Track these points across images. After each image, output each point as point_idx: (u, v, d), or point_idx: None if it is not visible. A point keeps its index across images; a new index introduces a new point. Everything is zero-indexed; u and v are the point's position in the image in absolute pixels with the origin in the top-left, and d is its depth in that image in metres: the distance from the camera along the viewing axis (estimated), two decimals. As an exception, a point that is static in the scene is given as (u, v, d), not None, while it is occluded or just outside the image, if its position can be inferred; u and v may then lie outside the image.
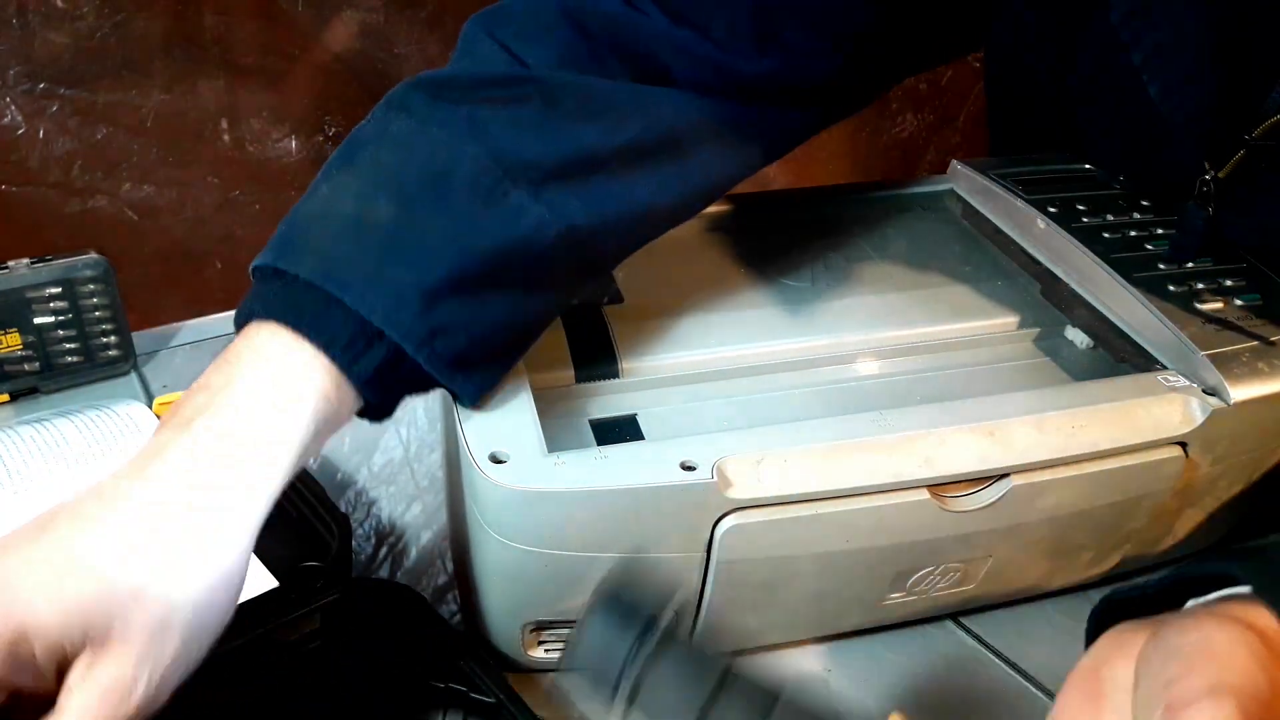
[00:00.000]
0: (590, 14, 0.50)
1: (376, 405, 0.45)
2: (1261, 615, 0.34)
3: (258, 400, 0.41)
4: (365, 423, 0.46)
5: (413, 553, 0.62)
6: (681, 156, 0.52)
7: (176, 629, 0.37)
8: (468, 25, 0.52)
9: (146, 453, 0.40)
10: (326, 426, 0.43)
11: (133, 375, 0.75)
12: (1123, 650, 0.36)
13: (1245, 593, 0.36)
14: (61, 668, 0.36)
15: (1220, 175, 0.54)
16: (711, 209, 0.68)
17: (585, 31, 0.50)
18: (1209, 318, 0.55)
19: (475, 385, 0.47)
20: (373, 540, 0.63)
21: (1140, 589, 0.41)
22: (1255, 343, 0.54)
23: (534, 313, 0.49)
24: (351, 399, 0.44)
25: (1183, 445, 0.52)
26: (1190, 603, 0.39)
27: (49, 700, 0.36)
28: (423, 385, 0.46)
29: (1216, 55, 0.50)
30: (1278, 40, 0.48)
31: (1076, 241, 0.61)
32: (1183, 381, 0.53)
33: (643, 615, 0.37)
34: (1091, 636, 0.43)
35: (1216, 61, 0.50)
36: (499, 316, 0.46)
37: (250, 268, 0.45)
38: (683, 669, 0.36)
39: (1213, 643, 0.33)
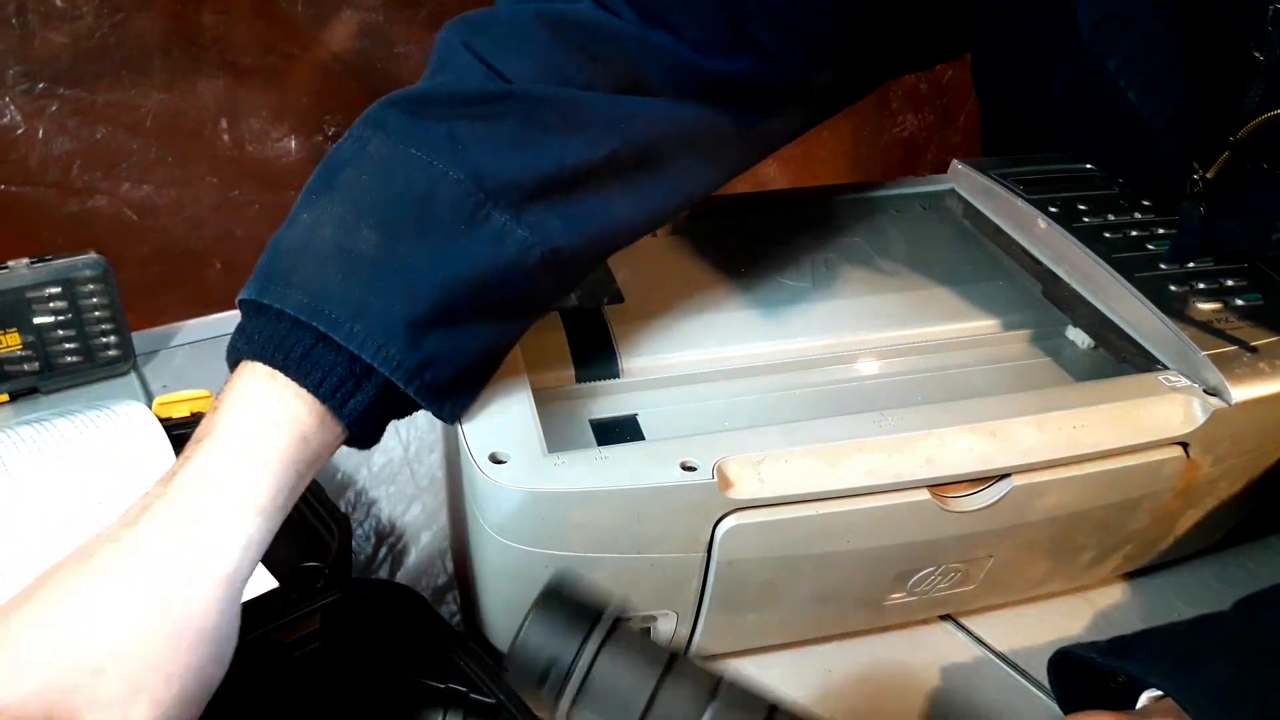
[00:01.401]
0: (565, 20, 0.49)
1: (361, 437, 0.45)
2: None
3: (235, 457, 0.41)
4: None
5: (413, 553, 0.62)
6: (661, 168, 0.52)
7: (145, 699, 0.37)
8: (443, 34, 0.51)
9: (131, 513, 0.40)
10: (309, 469, 0.43)
11: (132, 375, 0.75)
12: None
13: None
14: None
15: (1209, 176, 0.54)
16: (711, 209, 0.68)
17: (561, 38, 0.49)
18: (1210, 318, 0.55)
19: (459, 408, 0.48)
20: (372, 540, 0.63)
21: (1090, 655, 0.46)
22: (1256, 343, 0.54)
23: (513, 335, 0.49)
24: (336, 435, 0.44)
25: (1184, 445, 0.52)
26: (1143, 697, 0.45)
27: None
28: (408, 411, 0.47)
29: (1188, 58, 0.50)
30: (1247, 39, 0.49)
31: (1078, 241, 0.61)
32: (1184, 381, 0.52)
33: (588, 610, 0.38)
34: (1052, 683, 0.49)
35: (1189, 64, 0.50)
36: (484, 342, 0.46)
37: (237, 300, 0.44)
38: (629, 660, 0.37)
39: None
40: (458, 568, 0.60)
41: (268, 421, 0.41)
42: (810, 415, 0.50)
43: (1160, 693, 0.44)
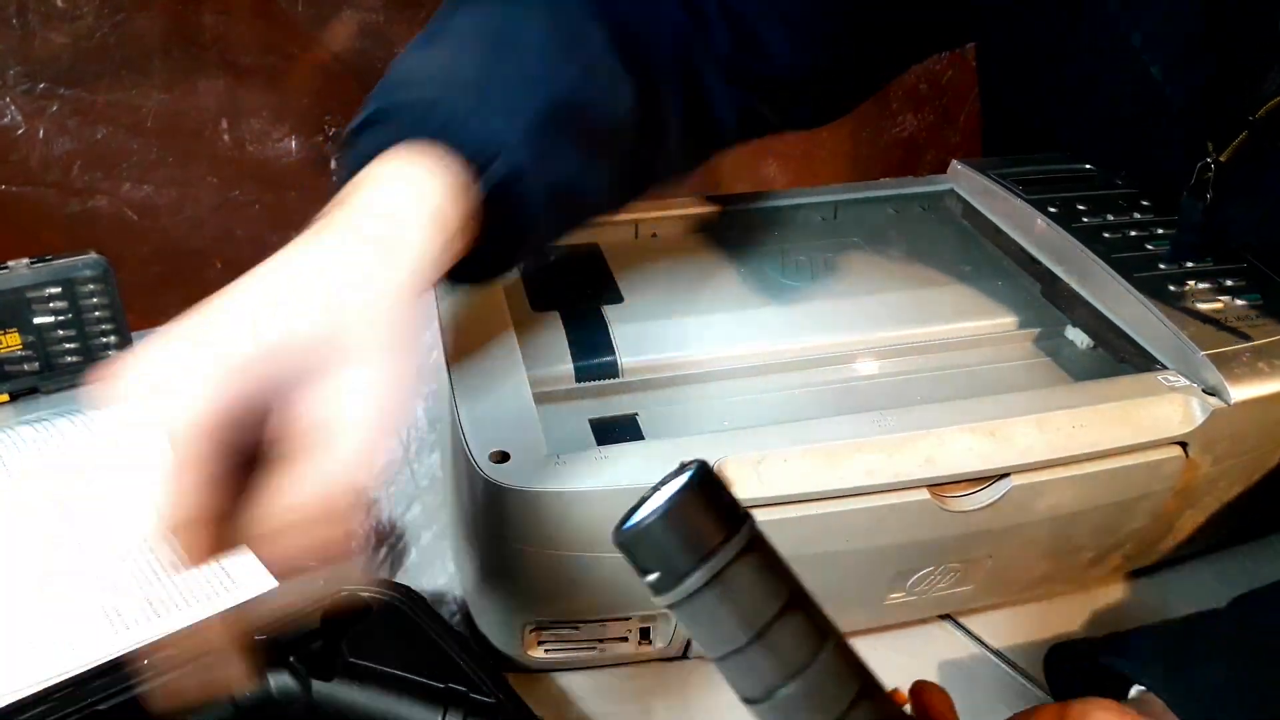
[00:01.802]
0: None
1: (480, 250, 0.44)
2: None
3: (391, 188, 0.40)
4: None
5: (413, 553, 0.62)
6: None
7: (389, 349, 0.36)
8: None
9: (305, 236, 0.38)
10: (448, 245, 0.41)
11: (132, 375, 0.75)
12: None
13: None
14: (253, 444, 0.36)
15: (1222, 159, 0.54)
16: (711, 209, 0.68)
17: None
18: (1209, 318, 0.55)
19: (537, 236, 0.48)
20: (373, 540, 0.63)
21: (1085, 650, 0.48)
22: (1256, 342, 0.54)
23: (595, 184, 0.49)
24: (464, 229, 0.42)
25: (1183, 445, 0.52)
26: (1134, 688, 0.46)
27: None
28: (509, 237, 0.45)
29: (1212, 34, 0.50)
30: (1272, 14, 0.49)
31: (1077, 241, 0.61)
32: (1183, 381, 0.53)
33: (731, 515, 0.34)
34: (1048, 677, 0.51)
35: (1213, 40, 0.50)
36: (574, 167, 0.47)
37: (347, 130, 0.44)
38: (756, 579, 0.34)
39: None
40: (458, 567, 0.60)
41: (416, 179, 0.40)
42: (810, 415, 0.50)
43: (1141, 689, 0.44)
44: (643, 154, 0.52)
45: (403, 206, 0.39)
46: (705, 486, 0.34)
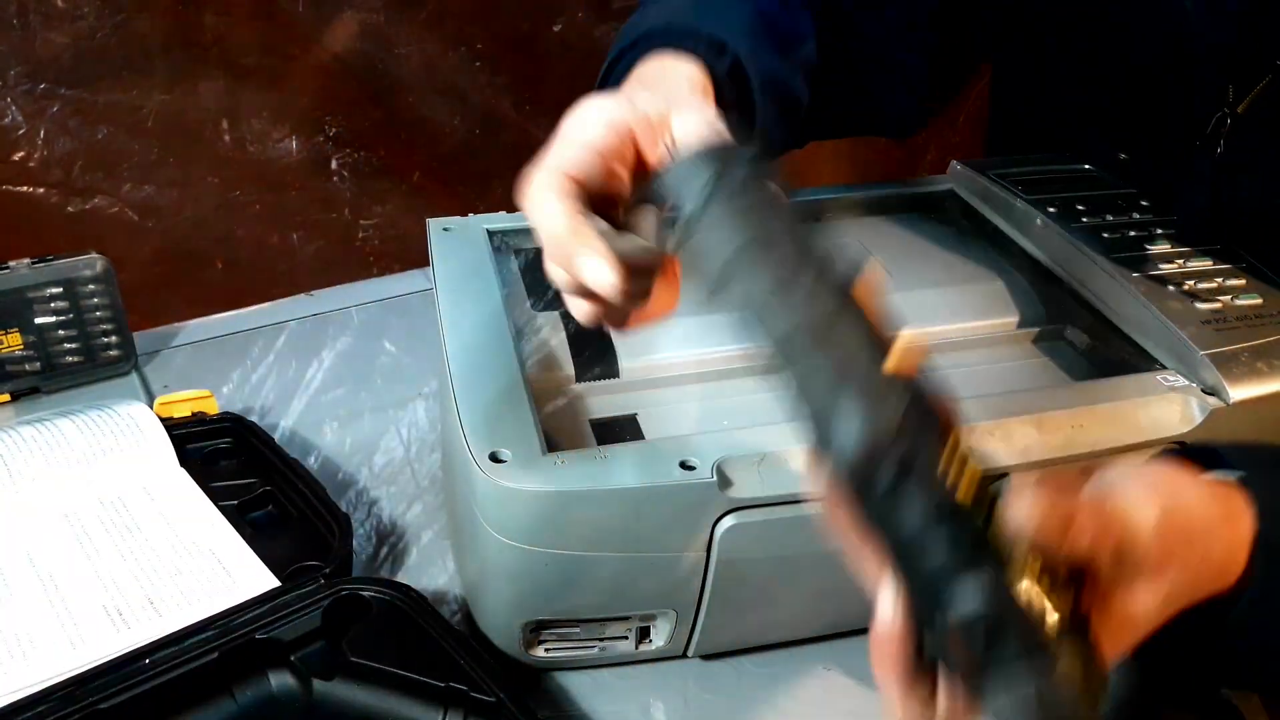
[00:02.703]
0: None
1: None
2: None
3: (654, 74, 0.50)
4: (365, 422, 0.45)
5: (413, 552, 0.62)
6: None
7: None
8: None
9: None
10: None
11: (133, 375, 0.75)
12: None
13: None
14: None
15: (1240, 110, 0.54)
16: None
17: None
18: (1208, 318, 0.55)
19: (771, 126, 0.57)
20: (373, 540, 0.63)
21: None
22: (1255, 342, 0.54)
23: (796, 84, 0.59)
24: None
25: (1182, 445, 0.52)
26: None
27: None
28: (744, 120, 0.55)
29: None
30: None
31: (1076, 241, 0.61)
32: (1182, 381, 0.53)
33: (724, 152, 0.37)
34: None
35: None
36: (775, 66, 0.57)
37: (603, 68, 0.56)
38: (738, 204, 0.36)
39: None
40: (458, 567, 0.60)
41: (665, 69, 0.50)
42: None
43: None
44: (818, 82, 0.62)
45: (668, 78, 0.50)
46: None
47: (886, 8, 0.67)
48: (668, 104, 0.42)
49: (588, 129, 0.41)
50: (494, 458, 0.46)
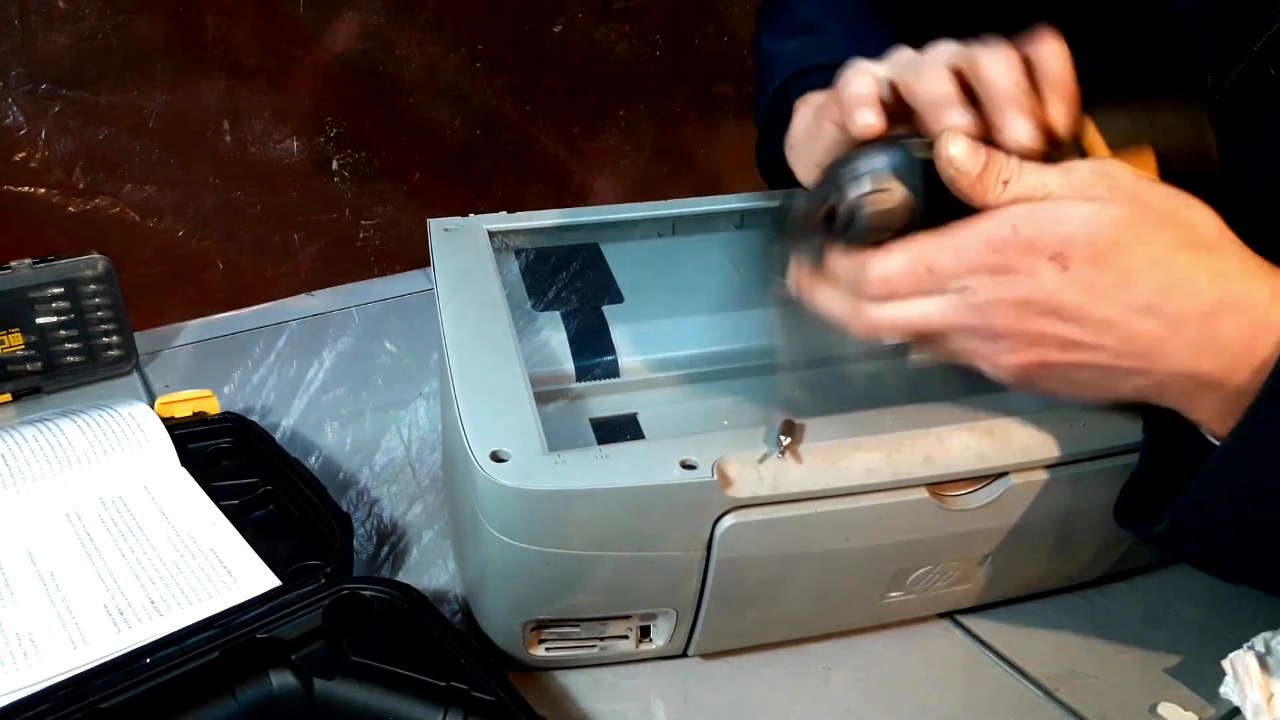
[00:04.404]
0: None
1: None
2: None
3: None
4: (366, 422, 0.44)
5: (414, 552, 0.63)
6: None
7: None
8: None
9: None
10: None
11: (135, 375, 0.75)
12: None
13: None
14: None
15: (1218, 97, 0.54)
16: (710, 208, 0.68)
17: None
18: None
19: None
20: (374, 539, 0.63)
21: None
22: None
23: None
24: None
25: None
26: None
27: None
28: None
29: None
30: None
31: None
32: (1181, 381, 0.52)
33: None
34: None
35: None
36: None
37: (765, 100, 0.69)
38: None
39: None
40: (459, 566, 0.60)
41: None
42: (810, 415, 0.50)
43: None
44: None
45: None
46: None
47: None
48: None
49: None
50: (495, 457, 0.46)
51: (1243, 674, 0.51)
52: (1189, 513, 0.45)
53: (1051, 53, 0.44)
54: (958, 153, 0.42)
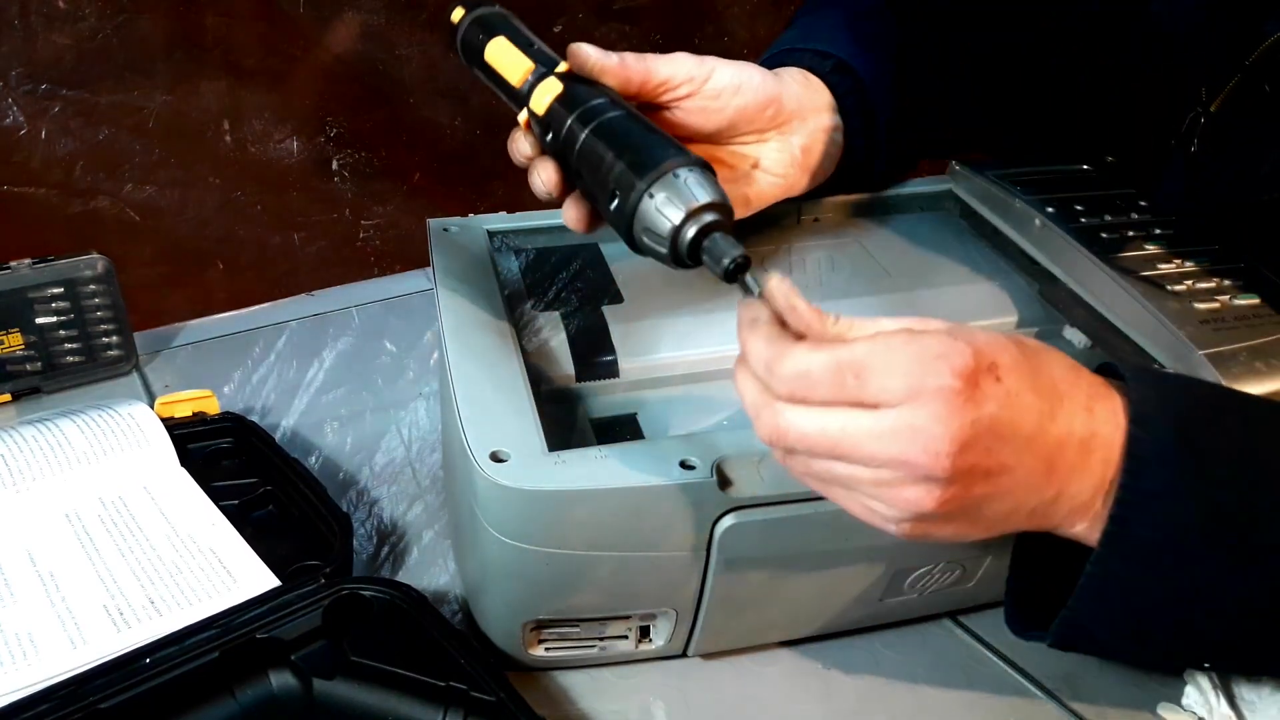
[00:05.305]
0: None
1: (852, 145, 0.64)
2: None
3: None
4: (366, 422, 0.44)
5: (414, 552, 0.63)
6: None
7: None
8: None
9: None
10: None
11: (134, 375, 0.75)
12: None
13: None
14: None
15: (1212, 109, 0.54)
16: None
17: None
18: (1207, 317, 0.55)
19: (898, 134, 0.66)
20: (374, 539, 0.63)
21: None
22: (1253, 342, 0.54)
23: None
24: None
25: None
26: None
27: None
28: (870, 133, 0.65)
29: None
30: None
31: (1075, 241, 0.61)
32: (1181, 381, 0.52)
33: None
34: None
35: None
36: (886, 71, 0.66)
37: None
38: None
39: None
40: (459, 566, 0.60)
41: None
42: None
43: None
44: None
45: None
46: None
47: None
48: None
49: None
50: (494, 457, 0.46)
51: (1206, 688, 0.52)
52: (1072, 629, 0.46)
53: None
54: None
